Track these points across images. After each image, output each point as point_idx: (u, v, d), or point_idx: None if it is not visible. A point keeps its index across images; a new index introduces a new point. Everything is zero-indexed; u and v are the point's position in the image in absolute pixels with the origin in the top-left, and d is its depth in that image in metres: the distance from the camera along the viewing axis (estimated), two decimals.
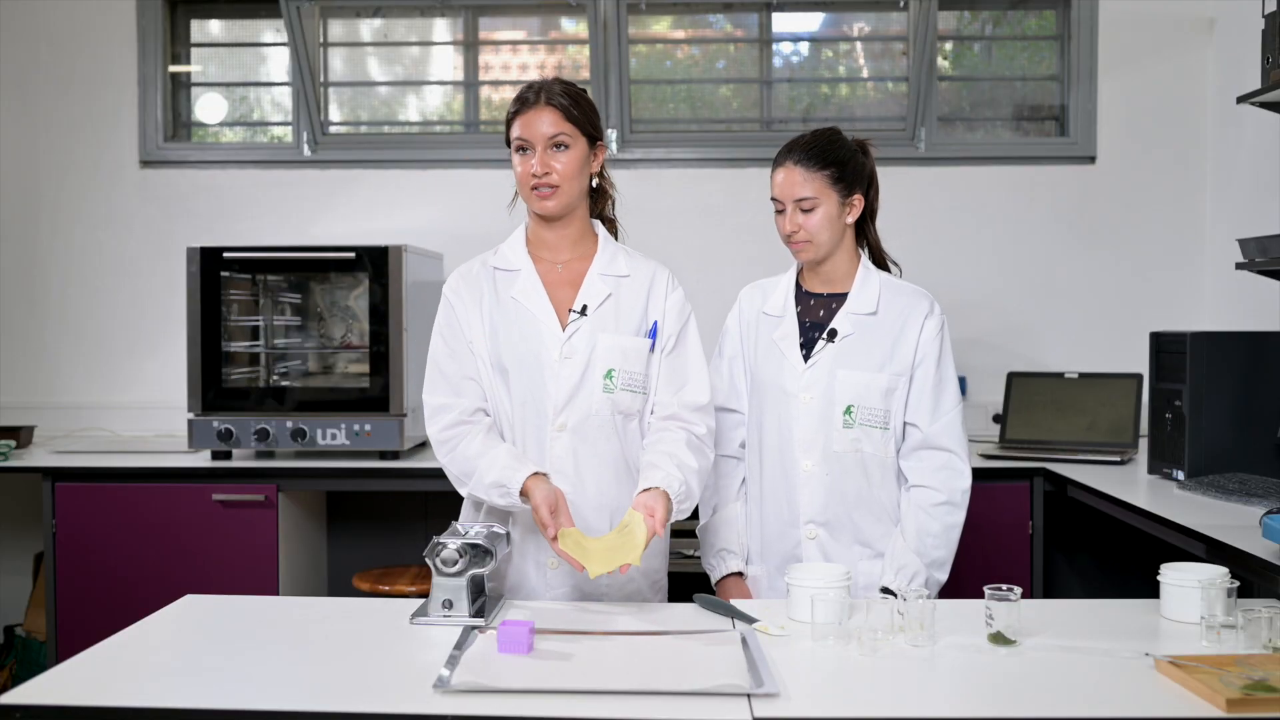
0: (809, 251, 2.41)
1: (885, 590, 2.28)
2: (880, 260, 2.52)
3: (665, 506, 2.14)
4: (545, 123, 2.25)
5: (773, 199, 2.43)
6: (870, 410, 2.37)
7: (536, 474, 2.16)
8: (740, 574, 2.47)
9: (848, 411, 2.37)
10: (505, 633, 1.84)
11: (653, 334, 2.32)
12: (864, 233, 2.51)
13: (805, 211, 2.38)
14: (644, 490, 2.16)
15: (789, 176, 2.39)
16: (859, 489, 2.38)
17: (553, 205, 2.27)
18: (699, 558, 3.11)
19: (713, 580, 2.50)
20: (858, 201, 2.43)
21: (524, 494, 2.14)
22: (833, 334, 2.41)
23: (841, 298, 2.44)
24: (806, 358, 2.41)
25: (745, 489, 2.51)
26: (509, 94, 4.52)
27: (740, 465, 2.51)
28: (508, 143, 2.31)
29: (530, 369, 2.27)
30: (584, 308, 2.29)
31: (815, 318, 2.46)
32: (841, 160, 2.40)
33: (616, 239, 2.44)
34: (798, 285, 2.51)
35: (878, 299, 2.42)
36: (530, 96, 2.27)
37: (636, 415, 2.32)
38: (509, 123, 2.29)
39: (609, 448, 2.29)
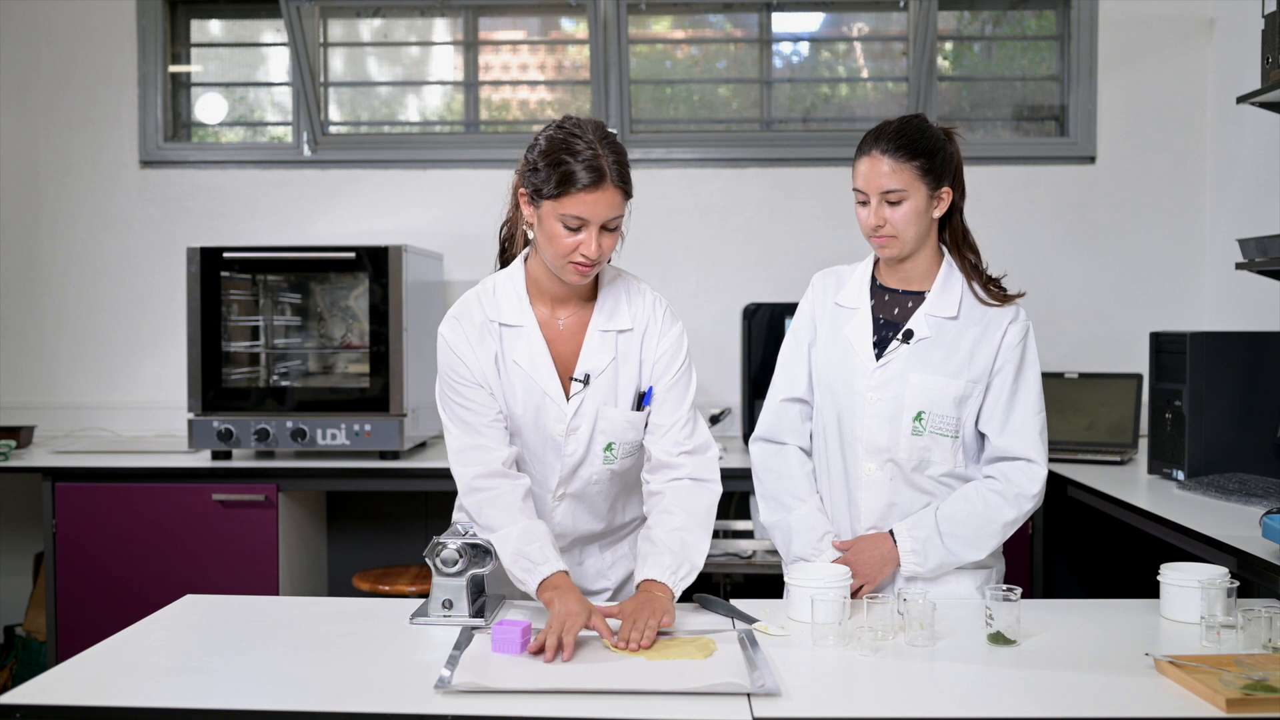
0: (893, 247, 2.24)
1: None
2: (964, 253, 2.32)
3: (664, 609, 1.97)
4: (611, 206, 2.04)
5: (855, 189, 2.25)
6: (941, 418, 2.24)
7: (560, 575, 2.03)
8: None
9: (918, 418, 2.24)
10: (499, 632, 1.84)
11: (646, 400, 2.21)
12: (946, 225, 2.32)
13: (891, 205, 2.21)
14: (645, 581, 2.06)
15: (875, 166, 2.21)
16: (923, 497, 2.27)
17: (587, 281, 2.14)
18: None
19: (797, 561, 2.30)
20: (946, 195, 2.26)
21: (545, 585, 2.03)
22: (909, 335, 2.26)
23: (919, 296, 2.30)
24: (878, 356, 2.28)
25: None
26: (509, 94, 4.52)
27: (810, 461, 2.39)
28: (535, 196, 2.07)
29: (533, 439, 2.20)
30: (586, 377, 2.17)
31: (890, 315, 2.31)
32: (931, 150, 2.22)
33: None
34: (873, 277, 2.35)
35: (959, 302, 2.27)
36: (590, 177, 2.01)
37: (635, 469, 2.29)
38: (554, 194, 2.02)
39: (604, 505, 2.30)
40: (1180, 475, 3.07)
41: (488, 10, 4.48)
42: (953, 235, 2.32)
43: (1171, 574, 2.01)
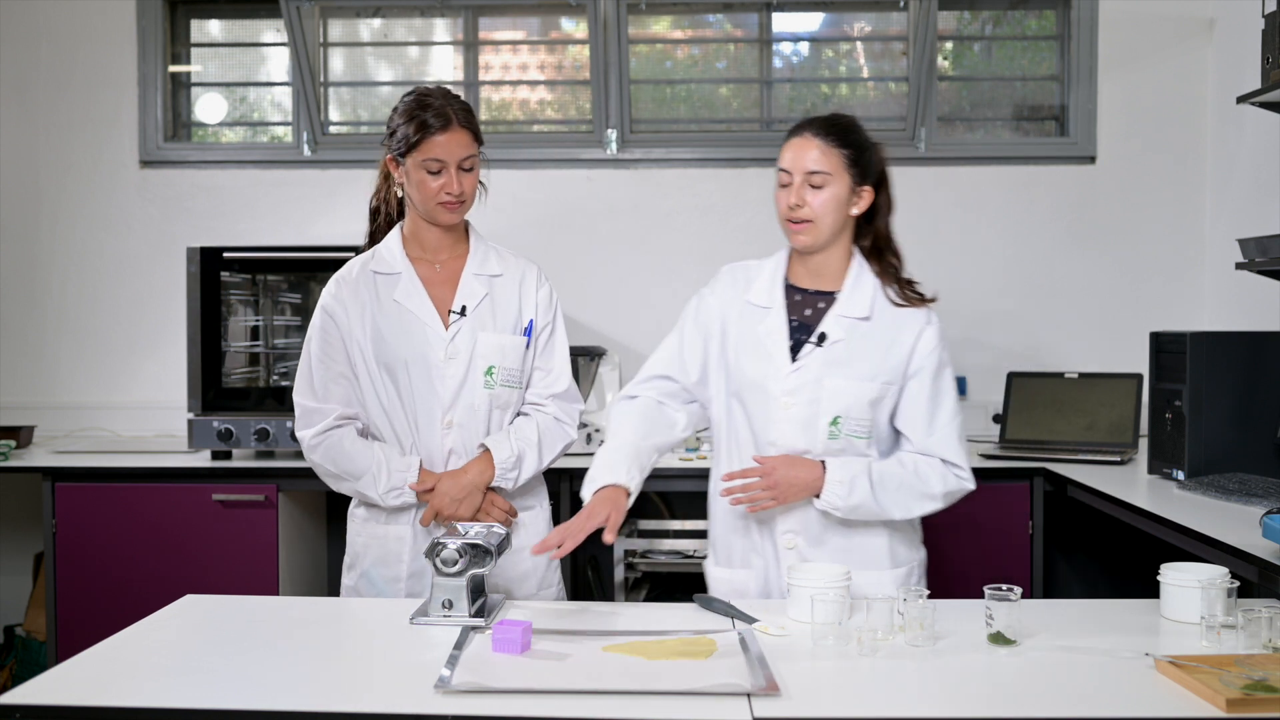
0: (809, 234, 2.24)
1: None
2: (886, 257, 2.33)
3: (481, 461, 2.39)
4: (460, 145, 2.37)
5: (781, 170, 2.26)
6: (857, 421, 2.24)
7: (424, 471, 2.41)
8: (620, 488, 2.19)
9: (834, 422, 2.23)
10: (500, 632, 1.84)
11: (528, 332, 2.47)
12: (866, 231, 2.33)
13: (814, 188, 2.22)
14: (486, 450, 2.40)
15: (804, 146, 2.23)
16: None
17: (457, 218, 2.43)
18: (701, 558, 3.10)
19: (585, 496, 2.21)
20: (866, 194, 2.27)
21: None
22: (822, 338, 2.25)
23: (830, 296, 2.30)
24: (792, 359, 2.26)
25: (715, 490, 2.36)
26: (509, 94, 4.52)
27: (652, 406, 2.33)
28: (400, 155, 2.38)
29: (418, 369, 2.39)
30: (464, 308, 2.42)
31: (801, 315, 2.30)
32: (860, 145, 2.25)
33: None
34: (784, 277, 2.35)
35: (871, 303, 2.28)
36: (438, 121, 2.35)
37: (513, 407, 2.47)
38: (413, 143, 2.35)
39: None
40: (1180, 475, 3.07)
41: (488, 10, 4.48)
42: (877, 239, 2.34)
43: (1171, 574, 2.01)
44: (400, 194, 2.48)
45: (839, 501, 2.20)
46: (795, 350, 2.27)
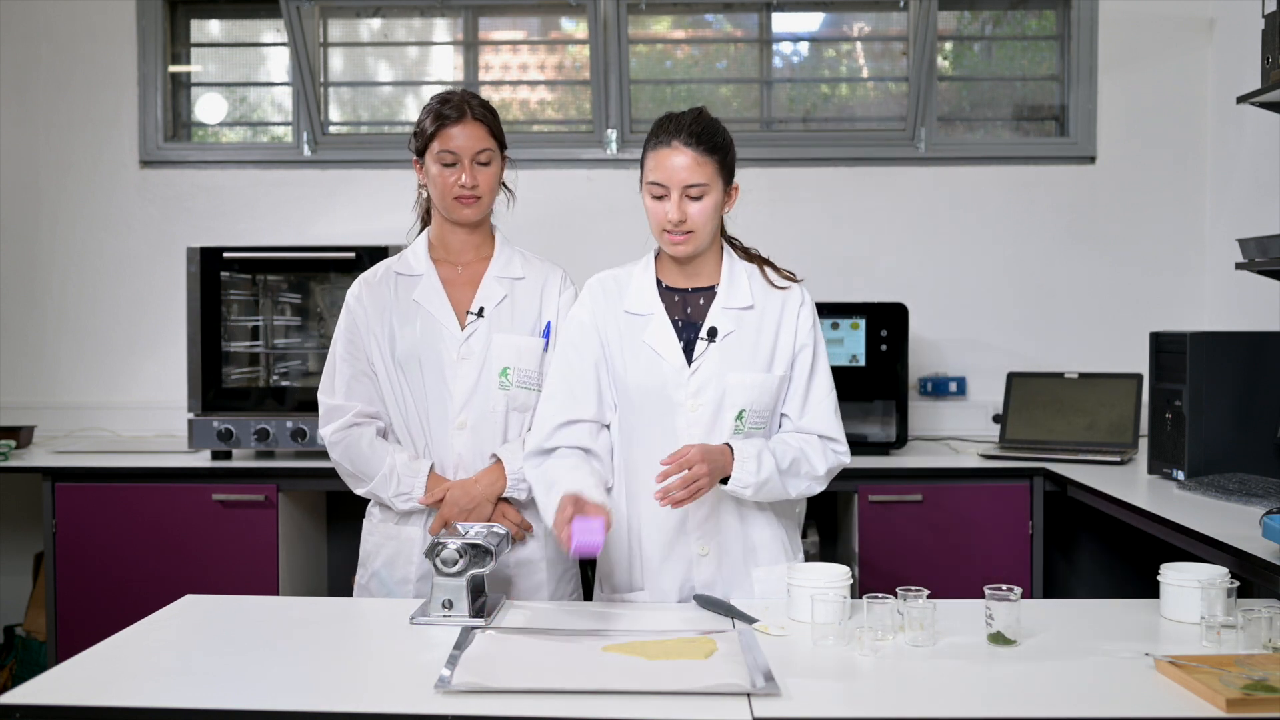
0: (690, 244, 2.20)
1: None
2: (746, 247, 2.36)
3: (492, 472, 2.38)
4: (474, 138, 2.38)
5: (652, 183, 2.19)
6: (759, 414, 2.23)
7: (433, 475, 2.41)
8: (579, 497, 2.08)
9: (739, 417, 2.20)
10: (581, 527, 1.96)
11: (546, 334, 2.43)
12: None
13: (692, 199, 2.17)
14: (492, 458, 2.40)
15: (678, 159, 2.16)
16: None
17: (473, 214, 2.42)
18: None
19: (552, 510, 2.12)
20: (735, 191, 2.26)
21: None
22: (713, 333, 2.22)
23: (708, 291, 2.27)
24: (688, 361, 2.23)
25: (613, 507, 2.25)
26: (509, 94, 4.52)
27: (580, 457, 2.24)
28: (419, 152, 2.42)
29: (432, 369, 2.40)
30: (481, 309, 2.42)
31: (683, 315, 2.26)
32: (726, 145, 2.22)
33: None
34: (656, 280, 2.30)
35: (750, 291, 2.27)
36: (454, 113, 2.38)
37: (531, 410, 2.42)
38: (429, 135, 2.38)
39: (502, 442, 2.43)
40: (1180, 475, 3.07)
41: (488, 10, 4.48)
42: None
43: (1171, 574, 2.01)
44: (424, 194, 2.50)
45: (750, 479, 2.16)
46: (689, 351, 2.24)
